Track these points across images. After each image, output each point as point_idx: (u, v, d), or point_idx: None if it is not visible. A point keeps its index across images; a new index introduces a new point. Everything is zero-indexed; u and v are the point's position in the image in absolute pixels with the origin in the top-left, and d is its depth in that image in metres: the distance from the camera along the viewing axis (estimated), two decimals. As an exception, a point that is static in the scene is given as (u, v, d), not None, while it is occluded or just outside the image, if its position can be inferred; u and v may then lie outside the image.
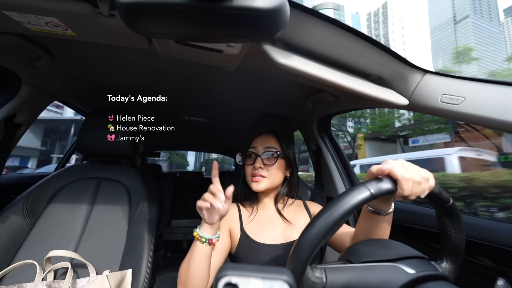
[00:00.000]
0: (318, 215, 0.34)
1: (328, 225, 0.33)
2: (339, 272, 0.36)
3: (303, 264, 0.32)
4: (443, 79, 0.65)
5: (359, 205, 0.34)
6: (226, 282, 0.20)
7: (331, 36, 0.58)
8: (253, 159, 0.74)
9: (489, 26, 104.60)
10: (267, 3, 0.34)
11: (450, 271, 0.43)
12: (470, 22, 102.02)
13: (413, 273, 0.34)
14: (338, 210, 0.33)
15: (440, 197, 0.40)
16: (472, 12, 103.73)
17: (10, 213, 0.79)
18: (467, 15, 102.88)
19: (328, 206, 0.35)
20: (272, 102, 1.22)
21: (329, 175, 1.19)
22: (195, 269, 0.55)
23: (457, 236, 0.42)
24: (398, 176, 0.38)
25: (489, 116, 0.55)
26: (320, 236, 0.33)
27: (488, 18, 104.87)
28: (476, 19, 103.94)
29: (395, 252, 0.38)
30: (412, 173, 0.39)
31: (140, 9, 0.35)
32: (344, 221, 0.35)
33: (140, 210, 0.90)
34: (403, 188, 0.38)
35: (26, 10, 0.50)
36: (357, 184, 0.37)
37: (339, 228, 0.35)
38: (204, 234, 0.55)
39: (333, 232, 0.34)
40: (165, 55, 0.68)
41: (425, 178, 0.40)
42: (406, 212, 0.88)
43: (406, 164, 0.40)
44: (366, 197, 0.35)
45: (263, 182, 0.72)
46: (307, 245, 0.33)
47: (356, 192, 0.35)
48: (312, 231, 0.33)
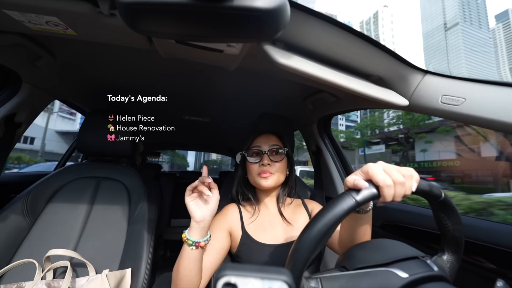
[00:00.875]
0: (314, 219, 0.35)
1: (321, 233, 0.33)
2: (334, 280, 0.36)
3: (302, 265, 0.32)
4: (443, 80, 0.65)
5: (346, 214, 0.34)
6: (225, 282, 0.20)
7: (332, 37, 0.57)
8: (259, 157, 0.74)
9: (478, 32, 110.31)
10: (268, 3, 0.34)
11: (452, 262, 0.43)
12: (459, 29, 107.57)
13: (406, 276, 0.34)
14: (323, 222, 0.33)
15: (431, 193, 0.40)
16: (462, 20, 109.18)
17: (9, 212, 0.79)
18: (457, 22, 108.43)
19: (320, 213, 0.35)
20: (272, 102, 1.22)
21: (329, 175, 1.19)
22: (184, 271, 0.55)
23: (454, 228, 0.42)
24: (379, 183, 0.36)
25: (489, 117, 0.55)
26: (317, 239, 0.33)
27: (477, 25, 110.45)
28: (466, 26, 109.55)
29: (389, 254, 0.38)
30: (394, 175, 0.37)
31: (141, 9, 0.35)
32: (335, 228, 0.35)
33: (139, 210, 0.90)
34: (385, 195, 0.36)
35: (27, 9, 0.50)
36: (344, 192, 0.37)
37: (332, 233, 0.35)
38: (191, 237, 0.55)
39: (328, 238, 0.34)
40: (165, 55, 0.68)
41: (407, 175, 0.38)
42: (405, 213, 0.87)
43: (386, 166, 0.38)
44: (351, 205, 0.34)
45: (271, 178, 0.72)
46: (306, 246, 0.33)
47: (341, 201, 0.35)
48: (311, 232, 0.33)
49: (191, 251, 0.55)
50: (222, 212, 0.74)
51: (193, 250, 0.55)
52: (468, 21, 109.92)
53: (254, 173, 0.74)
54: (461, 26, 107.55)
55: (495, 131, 0.58)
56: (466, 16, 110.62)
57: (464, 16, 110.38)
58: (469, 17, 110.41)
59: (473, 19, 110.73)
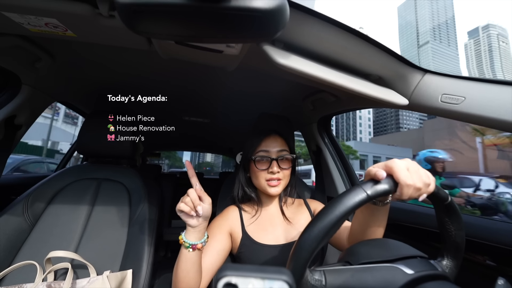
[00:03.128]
0: (317, 216, 0.34)
1: (327, 227, 0.33)
2: (338, 274, 0.36)
3: (303, 264, 0.32)
4: (443, 79, 0.65)
5: (356, 207, 0.34)
6: (226, 282, 0.20)
7: (331, 36, 0.57)
8: (268, 163, 0.71)
9: (447, 50, 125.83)
10: (267, 3, 0.34)
11: (451, 268, 0.43)
12: (429, 47, 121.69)
13: (411, 273, 0.34)
14: (335, 213, 0.33)
15: (438, 196, 0.40)
16: (432, 39, 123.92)
17: (10, 214, 0.79)
18: (427, 41, 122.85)
19: (327, 207, 0.35)
20: (272, 102, 1.22)
21: (330, 175, 1.19)
22: (182, 273, 0.55)
23: (457, 233, 0.42)
24: (400, 181, 0.36)
25: (489, 115, 0.55)
26: (319, 238, 0.33)
27: (446, 43, 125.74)
28: (435, 45, 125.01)
29: (394, 252, 0.38)
30: (415, 179, 0.37)
31: (140, 10, 0.35)
32: (342, 223, 0.34)
33: (140, 211, 0.90)
34: (403, 193, 0.37)
35: (26, 11, 0.50)
36: (356, 185, 0.37)
37: (338, 228, 0.35)
38: (188, 239, 0.55)
39: (333, 233, 0.34)
40: (165, 55, 0.68)
41: (426, 183, 0.38)
42: (406, 212, 0.87)
43: (411, 166, 0.38)
44: (362, 199, 0.34)
45: (280, 186, 0.71)
46: (306, 245, 0.33)
47: (353, 194, 0.35)
48: (312, 232, 0.33)
49: (188, 253, 0.55)
50: (222, 214, 0.74)
51: (190, 252, 0.55)
52: (437, 39, 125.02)
53: (262, 179, 0.72)
54: (431, 44, 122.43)
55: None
56: (436, 35, 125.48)
57: (434, 34, 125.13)
58: (438, 36, 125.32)
59: (442, 37, 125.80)
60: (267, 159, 0.72)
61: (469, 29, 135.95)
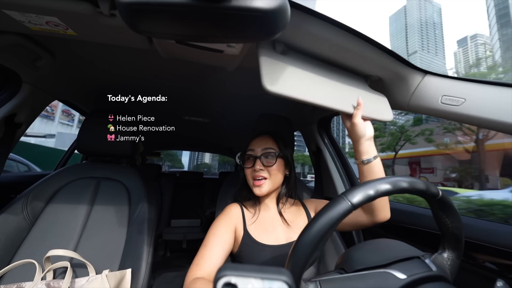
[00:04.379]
0: (314, 218, 0.35)
1: (324, 229, 0.33)
2: (333, 284, 0.36)
3: (302, 265, 0.32)
4: (443, 80, 0.65)
5: (343, 217, 0.34)
6: (225, 282, 0.20)
7: (332, 37, 0.57)
8: (252, 161, 0.74)
9: (434, 59, 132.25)
10: (268, 3, 0.34)
11: (453, 259, 0.43)
12: (417, 56, 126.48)
13: (404, 278, 0.34)
14: (335, 212, 0.33)
15: (428, 192, 0.40)
16: (420, 48, 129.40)
17: (9, 213, 0.79)
18: (415, 51, 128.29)
19: (324, 209, 0.35)
20: (272, 102, 1.22)
21: (329, 175, 1.19)
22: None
23: (454, 225, 0.42)
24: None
25: (489, 117, 0.55)
26: (317, 239, 0.33)
27: (434, 53, 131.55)
28: (423, 54, 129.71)
29: (388, 255, 0.38)
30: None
31: (141, 9, 0.35)
32: (339, 223, 0.34)
33: (139, 210, 0.90)
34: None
35: (27, 10, 0.50)
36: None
37: (336, 227, 0.35)
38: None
39: (329, 234, 0.34)
40: (165, 55, 0.68)
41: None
42: (406, 213, 0.87)
43: None
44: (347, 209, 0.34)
45: (265, 185, 0.72)
46: (305, 246, 0.33)
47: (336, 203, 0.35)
48: (310, 233, 0.33)
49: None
50: (225, 212, 0.74)
51: None
52: (425, 49, 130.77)
53: (249, 178, 0.74)
54: (419, 54, 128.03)
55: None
56: (424, 45, 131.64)
57: (422, 44, 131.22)
58: (426, 46, 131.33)
59: (430, 47, 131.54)
60: (252, 157, 0.74)
61: (458, 38, 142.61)
